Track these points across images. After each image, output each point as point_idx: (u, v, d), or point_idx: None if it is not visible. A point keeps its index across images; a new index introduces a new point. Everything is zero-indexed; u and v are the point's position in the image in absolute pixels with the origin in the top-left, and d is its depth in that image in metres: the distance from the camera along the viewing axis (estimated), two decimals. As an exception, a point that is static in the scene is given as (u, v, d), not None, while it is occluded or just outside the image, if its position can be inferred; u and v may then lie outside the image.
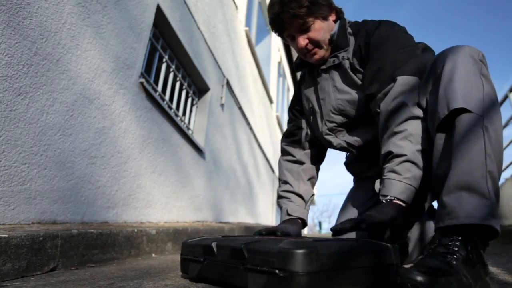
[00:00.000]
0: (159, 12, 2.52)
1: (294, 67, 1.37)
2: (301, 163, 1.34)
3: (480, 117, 0.79)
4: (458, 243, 0.73)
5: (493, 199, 0.74)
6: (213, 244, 0.82)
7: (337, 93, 1.20)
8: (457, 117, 0.81)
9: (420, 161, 0.93)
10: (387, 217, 0.87)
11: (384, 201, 0.92)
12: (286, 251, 0.64)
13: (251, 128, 5.30)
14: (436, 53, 1.00)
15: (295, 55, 9.59)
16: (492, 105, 0.82)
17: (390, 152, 0.97)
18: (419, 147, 0.94)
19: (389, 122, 1.01)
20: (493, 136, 0.79)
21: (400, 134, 0.97)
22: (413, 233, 1.22)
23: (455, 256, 0.71)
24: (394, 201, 0.91)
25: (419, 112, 0.97)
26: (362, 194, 1.29)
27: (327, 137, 1.25)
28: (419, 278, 0.64)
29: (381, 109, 1.03)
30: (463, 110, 0.80)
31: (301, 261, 0.63)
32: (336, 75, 1.20)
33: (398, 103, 0.99)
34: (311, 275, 0.63)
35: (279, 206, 1.31)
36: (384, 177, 0.96)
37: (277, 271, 0.64)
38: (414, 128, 0.96)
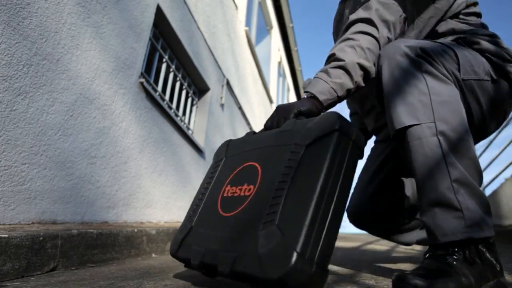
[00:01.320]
0: (159, 12, 2.52)
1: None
2: None
3: (431, 123, 0.73)
4: (456, 248, 0.72)
5: (467, 207, 0.70)
6: (194, 260, 0.74)
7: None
8: (406, 132, 0.75)
9: (356, 74, 0.89)
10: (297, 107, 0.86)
11: (305, 96, 0.91)
12: (274, 281, 0.57)
13: (251, 128, 5.30)
14: None
15: (295, 55, 9.59)
16: (443, 103, 0.74)
17: (333, 54, 0.93)
18: (363, 62, 0.89)
19: (349, 29, 0.96)
20: (453, 138, 0.72)
21: (350, 41, 0.92)
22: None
23: (454, 257, 0.70)
24: (311, 98, 0.89)
25: (383, 32, 0.92)
26: (368, 169, 1.27)
27: None
28: (415, 282, 0.64)
29: (350, 17, 0.98)
30: (409, 126, 0.74)
31: (295, 279, 0.57)
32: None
33: (366, 15, 0.94)
34: (312, 273, 0.59)
35: None
36: (316, 75, 0.93)
37: None
38: (368, 43, 0.91)
